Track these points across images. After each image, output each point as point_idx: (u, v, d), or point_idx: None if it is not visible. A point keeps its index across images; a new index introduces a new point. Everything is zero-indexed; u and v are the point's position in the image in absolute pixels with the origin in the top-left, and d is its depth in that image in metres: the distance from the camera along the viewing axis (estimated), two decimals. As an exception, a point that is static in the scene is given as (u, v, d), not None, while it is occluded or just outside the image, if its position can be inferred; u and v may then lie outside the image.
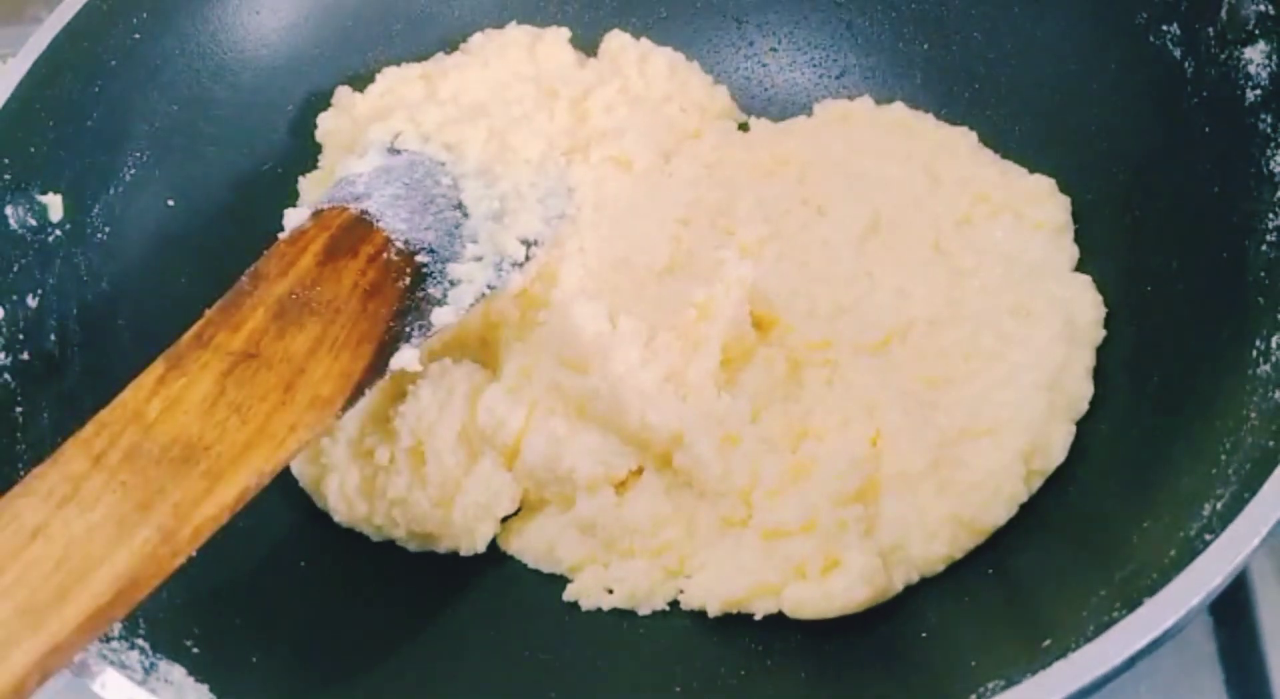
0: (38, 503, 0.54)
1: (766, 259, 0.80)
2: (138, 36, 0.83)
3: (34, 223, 0.75)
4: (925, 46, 0.90)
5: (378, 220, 0.71)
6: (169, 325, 0.66)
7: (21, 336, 0.71)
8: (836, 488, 0.68)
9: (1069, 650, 0.51)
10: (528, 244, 0.77)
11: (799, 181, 0.85)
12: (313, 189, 0.87)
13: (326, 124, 0.89)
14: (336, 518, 0.75)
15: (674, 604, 0.72)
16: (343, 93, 0.90)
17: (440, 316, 0.69)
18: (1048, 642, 0.55)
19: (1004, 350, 0.73)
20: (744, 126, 0.93)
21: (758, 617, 0.68)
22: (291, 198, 0.88)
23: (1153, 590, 0.52)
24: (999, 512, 0.69)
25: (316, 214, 0.73)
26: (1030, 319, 0.74)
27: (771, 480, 0.70)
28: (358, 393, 0.64)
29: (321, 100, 0.91)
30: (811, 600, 0.67)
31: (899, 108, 0.89)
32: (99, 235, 0.78)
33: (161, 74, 0.84)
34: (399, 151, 0.78)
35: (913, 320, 0.76)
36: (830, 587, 0.66)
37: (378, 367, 0.66)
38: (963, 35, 0.88)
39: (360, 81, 0.91)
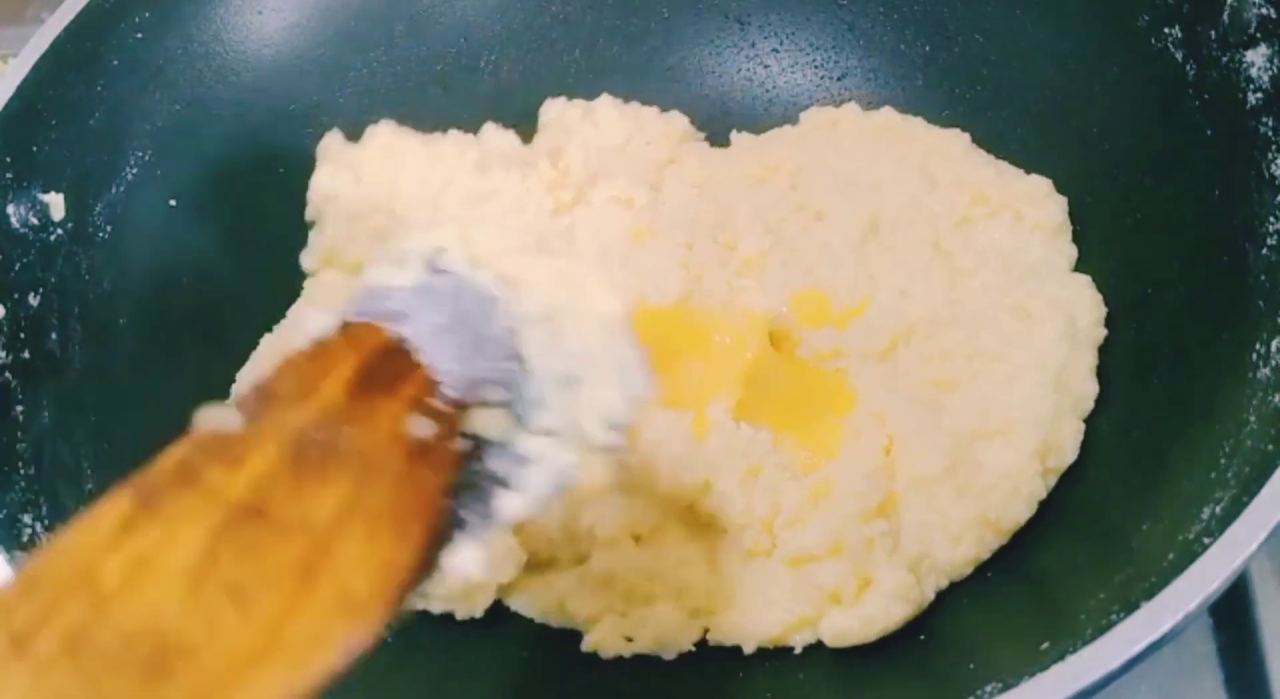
0: None
1: (771, 269, 0.80)
2: (140, 36, 0.83)
3: (36, 222, 0.75)
4: (927, 48, 0.90)
5: (420, 353, 0.55)
6: (170, 325, 0.66)
7: (23, 335, 0.71)
8: (857, 506, 0.68)
9: (1066, 653, 0.51)
10: (611, 428, 0.58)
11: (792, 188, 0.85)
12: (315, 262, 0.85)
13: (322, 187, 0.85)
14: None
15: (699, 643, 0.69)
16: (333, 143, 0.86)
17: (510, 506, 0.53)
18: (1045, 645, 0.55)
19: (1006, 350, 0.73)
20: (720, 144, 0.92)
21: (797, 651, 0.67)
22: (292, 198, 0.88)
23: (1151, 593, 0.52)
24: (1020, 510, 0.68)
25: (343, 327, 0.56)
26: (1031, 319, 0.74)
27: (792, 508, 0.69)
28: (401, 597, 0.45)
29: (324, 99, 0.91)
30: (852, 628, 0.65)
31: (887, 112, 0.89)
32: (101, 234, 0.78)
33: (164, 73, 0.84)
34: (444, 271, 0.61)
35: (915, 323, 0.76)
36: (867, 611, 0.65)
37: (429, 560, 0.48)
38: (964, 37, 0.88)
39: (361, 82, 0.91)
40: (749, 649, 0.68)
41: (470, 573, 0.51)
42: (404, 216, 0.85)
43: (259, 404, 0.49)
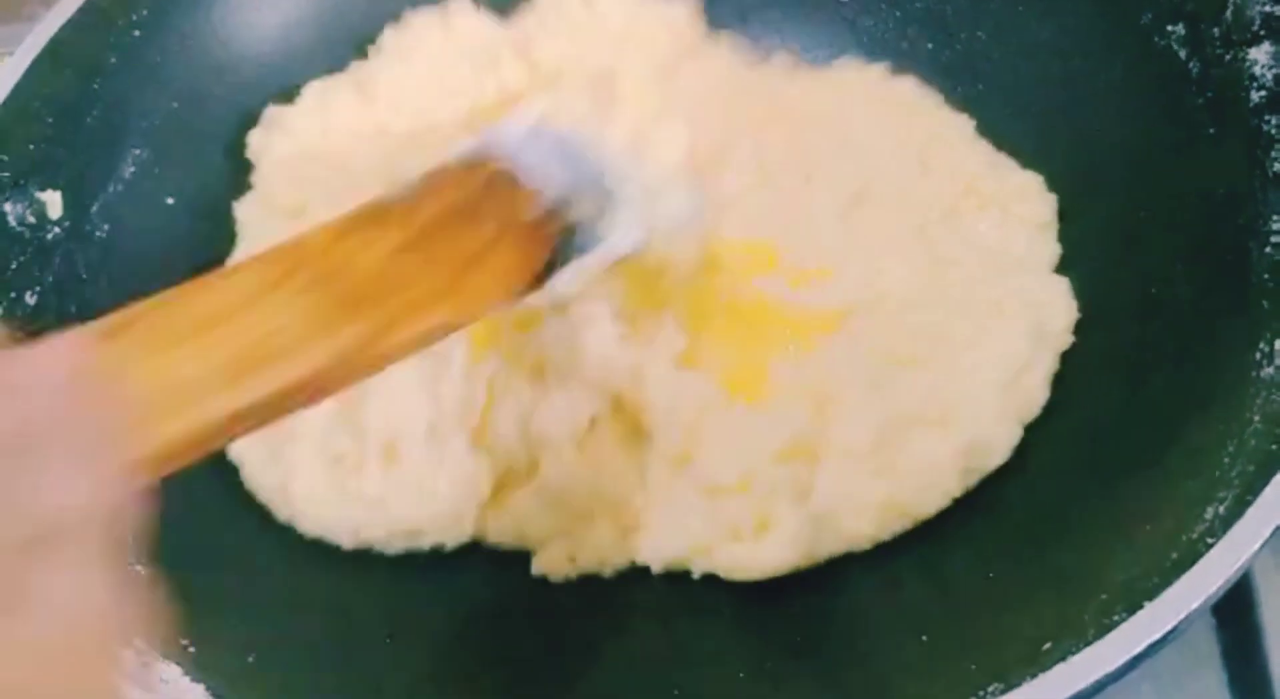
0: (241, 285, 0.55)
1: (750, 209, 0.80)
2: (137, 33, 0.83)
3: (33, 220, 0.75)
4: (929, 46, 0.90)
5: (532, 171, 0.70)
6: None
7: (19, 335, 0.71)
8: (776, 444, 0.70)
9: (1069, 654, 0.51)
10: (671, 220, 0.75)
11: (791, 140, 0.84)
12: (251, 217, 0.85)
13: (257, 140, 0.87)
14: (304, 525, 0.72)
15: (639, 566, 0.72)
16: (271, 112, 0.88)
17: (612, 242, 0.70)
18: (1048, 645, 0.55)
19: (970, 343, 0.73)
20: None
21: (695, 575, 0.69)
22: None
23: (1153, 594, 0.52)
24: (931, 502, 0.69)
25: (477, 154, 0.71)
26: (1002, 316, 0.74)
27: (714, 428, 0.71)
28: (529, 289, 0.66)
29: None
30: (742, 562, 0.68)
31: (910, 82, 0.88)
32: (98, 233, 0.78)
33: (161, 71, 0.84)
34: (548, 127, 0.74)
35: (883, 295, 0.76)
36: (760, 548, 0.68)
37: (539, 276, 0.67)
38: (967, 34, 0.88)
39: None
40: (657, 569, 0.70)
41: (565, 286, 0.67)
42: (342, 164, 0.85)
43: (423, 185, 0.67)
